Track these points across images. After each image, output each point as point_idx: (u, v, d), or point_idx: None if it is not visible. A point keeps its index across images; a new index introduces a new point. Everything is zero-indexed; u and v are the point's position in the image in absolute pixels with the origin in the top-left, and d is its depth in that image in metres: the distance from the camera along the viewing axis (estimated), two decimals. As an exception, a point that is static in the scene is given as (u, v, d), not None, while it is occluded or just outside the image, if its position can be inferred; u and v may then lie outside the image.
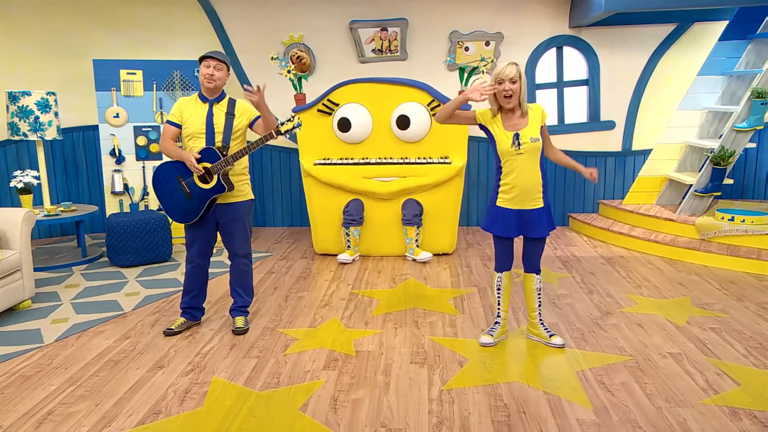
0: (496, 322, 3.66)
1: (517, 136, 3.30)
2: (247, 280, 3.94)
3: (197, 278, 3.88)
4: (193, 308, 3.92)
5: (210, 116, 3.64)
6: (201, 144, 3.64)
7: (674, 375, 3.19)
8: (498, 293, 3.62)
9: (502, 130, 3.35)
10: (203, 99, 3.68)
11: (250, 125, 3.73)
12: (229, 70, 3.70)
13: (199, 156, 3.60)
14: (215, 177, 3.62)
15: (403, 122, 5.35)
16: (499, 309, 3.64)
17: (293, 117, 3.70)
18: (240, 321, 3.88)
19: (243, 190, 3.79)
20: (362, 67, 6.52)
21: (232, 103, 3.72)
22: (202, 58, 3.61)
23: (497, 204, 3.43)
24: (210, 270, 5.05)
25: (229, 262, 3.97)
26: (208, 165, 3.60)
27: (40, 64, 6.31)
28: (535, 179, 3.34)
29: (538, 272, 3.55)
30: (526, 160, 3.31)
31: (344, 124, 5.39)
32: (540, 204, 3.39)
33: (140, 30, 6.45)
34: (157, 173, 3.74)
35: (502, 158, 3.38)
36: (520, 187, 3.34)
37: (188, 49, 6.40)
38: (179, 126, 3.69)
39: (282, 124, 3.65)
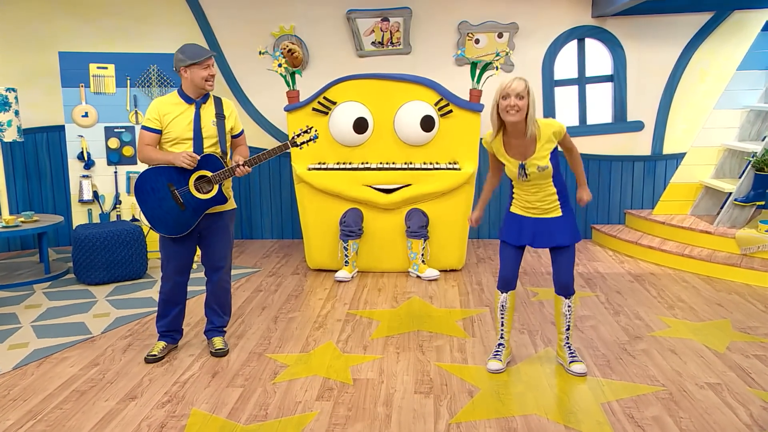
0: (501, 344, 3.67)
1: (522, 167, 3.34)
2: (227, 298, 4.00)
3: (177, 297, 3.88)
4: (173, 330, 3.93)
5: (197, 119, 3.64)
6: (187, 150, 3.63)
7: (713, 408, 3.18)
8: (502, 315, 3.63)
9: (505, 156, 3.41)
10: (188, 100, 3.65)
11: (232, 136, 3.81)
12: None
13: (198, 157, 3.58)
14: (216, 186, 3.66)
15: (428, 124, 5.38)
16: (502, 330, 3.66)
17: (310, 128, 3.82)
18: (219, 342, 3.91)
19: (229, 196, 3.83)
20: (361, 61, 6.55)
21: (218, 102, 3.73)
22: (201, 60, 3.53)
23: (511, 210, 3.54)
24: (189, 288, 5.07)
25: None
26: (209, 173, 3.64)
27: None
28: (547, 196, 3.42)
29: (567, 296, 3.55)
30: (535, 183, 3.40)
31: (360, 125, 5.41)
32: (558, 213, 3.44)
33: (113, 19, 6.49)
34: (142, 181, 3.66)
35: (510, 178, 3.49)
36: (531, 203, 3.46)
37: (166, 41, 6.43)
38: (159, 132, 3.63)
39: (298, 135, 3.80)
